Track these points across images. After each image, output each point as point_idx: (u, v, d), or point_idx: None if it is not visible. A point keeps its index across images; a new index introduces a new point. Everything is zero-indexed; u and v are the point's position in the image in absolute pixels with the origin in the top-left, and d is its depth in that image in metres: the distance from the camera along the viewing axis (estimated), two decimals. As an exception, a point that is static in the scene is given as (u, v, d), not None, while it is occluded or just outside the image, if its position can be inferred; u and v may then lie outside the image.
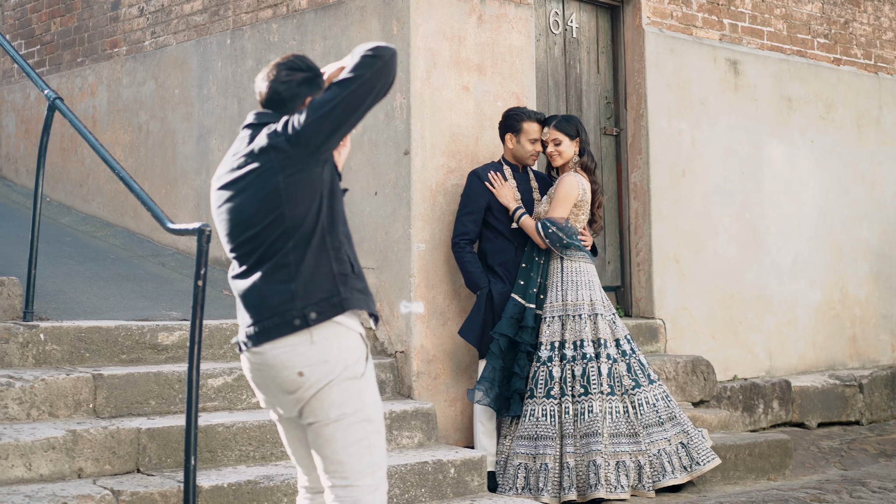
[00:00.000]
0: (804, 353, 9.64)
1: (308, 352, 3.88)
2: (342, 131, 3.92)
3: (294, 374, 3.89)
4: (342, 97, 3.87)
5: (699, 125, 8.96)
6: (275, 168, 3.91)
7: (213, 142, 8.59)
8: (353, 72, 3.89)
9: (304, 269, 3.90)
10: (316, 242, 3.92)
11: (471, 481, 6.29)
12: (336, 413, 3.90)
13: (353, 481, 3.93)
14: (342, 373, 3.89)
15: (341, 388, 3.89)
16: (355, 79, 3.87)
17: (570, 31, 8.53)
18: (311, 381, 3.88)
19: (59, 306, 7.00)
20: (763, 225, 9.36)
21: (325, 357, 3.88)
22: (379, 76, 3.90)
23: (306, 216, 3.91)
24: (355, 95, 3.87)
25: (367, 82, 3.88)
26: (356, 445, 3.92)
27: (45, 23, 10.68)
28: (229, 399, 6.18)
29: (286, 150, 3.89)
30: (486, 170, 7.07)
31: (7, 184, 10.88)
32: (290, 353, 3.88)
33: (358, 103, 3.89)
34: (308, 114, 3.88)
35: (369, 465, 3.95)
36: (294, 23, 7.88)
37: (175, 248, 8.97)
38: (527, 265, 6.95)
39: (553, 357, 6.77)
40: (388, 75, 3.93)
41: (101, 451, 5.35)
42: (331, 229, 3.96)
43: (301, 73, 4.13)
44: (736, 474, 7.38)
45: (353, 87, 3.87)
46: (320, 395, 3.89)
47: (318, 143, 3.89)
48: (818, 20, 10.08)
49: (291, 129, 3.90)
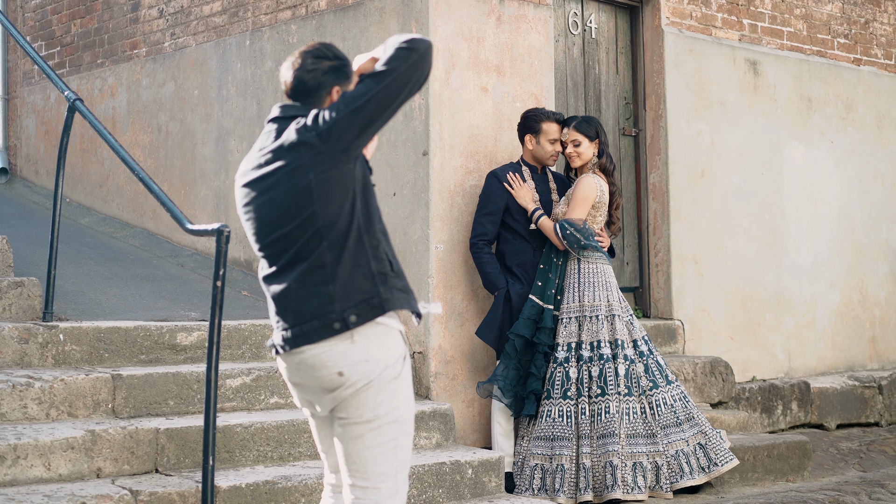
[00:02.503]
0: (823, 354, 9.61)
1: (348, 351, 3.80)
2: (375, 127, 3.80)
3: (334, 373, 3.81)
4: (376, 91, 3.74)
5: (718, 126, 8.94)
6: (305, 165, 3.79)
7: (233, 143, 8.61)
8: (388, 65, 3.76)
9: (341, 269, 3.80)
10: (353, 241, 3.81)
11: (488, 482, 6.29)
12: (370, 414, 3.83)
13: (375, 483, 3.86)
14: (382, 373, 3.82)
15: (379, 388, 3.82)
16: (390, 72, 3.75)
17: (588, 32, 8.52)
18: (351, 380, 3.80)
19: (78, 307, 7.03)
20: (783, 226, 9.34)
21: (365, 357, 3.81)
22: (414, 69, 3.78)
23: (340, 214, 3.80)
24: (389, 89, 3.75)
25: (402, 76, 3.76)
26: (382, 447, 3.86)
27: (66, 24, 10.72)
28: (248, 399, 6.19)
29: (317, 146, 3.78)
30: (504, 171, 7.07)
31: (27, 185, 10.93)
32: (329, 353, 3.80)
33: (392, 98, 3.77)
34: (340, 108, 3.76)
35: (393, 467, 3.88)
36: (313, 24, 7.90)
37: (194, 248, 9.00)
38: (545, 266, 6.94)
39: (570, 358, 6.77)
40: (424, 69, 3.81)
41: (119, 451, 5.37)
42: (367, 227, 3.86)
43: (328, 61, 3.98)
44: (754, 476, 7.37)
45: (388, 81, 3.75)
46: (358, 395, 3.82)
47: (350, 139, 3.77)
48: (838, 20, 10.05)
49: (322, 123, 3.78)
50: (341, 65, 4.00)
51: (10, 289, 6.29)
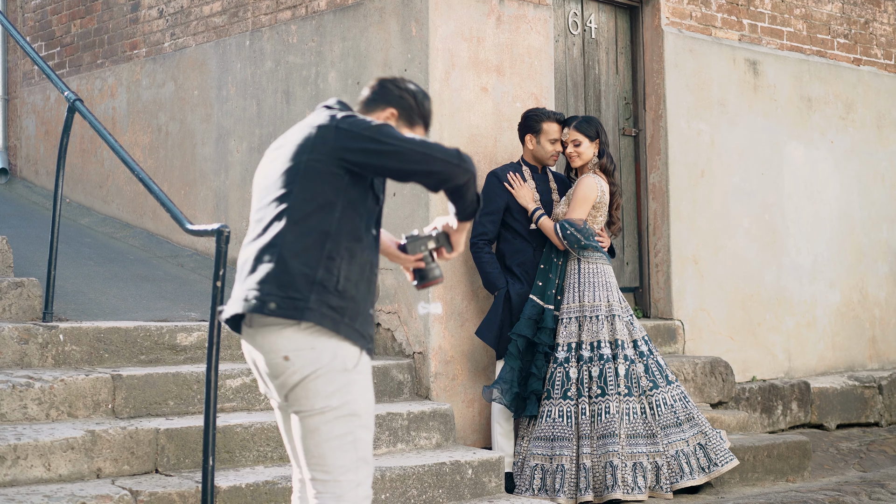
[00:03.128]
0: (823, 354, 9.61)
1: (295, 336, 3.80)
2: (376, 169, 3.83)
3: (280, 357, 3.81)
4: (407, 146, 3.78)
5: (718, 126, 8.94)
6: (307, 147, 3.86)
7: (232, 143, 8.62)
8: (436, 146, 3.81)
9: (287, 256, 3.81)
10: (312, 239, 3.82)
11: (488, 482, 6.29)
12: (321, 404, 3.80)
13: (335, 476, 3.84)
14: (330, 362, 3.80)
15: (328, 378, 3.80)
16: (431, 147, 3.79)
17: (588, 32, 8.52)
18: (296, 366, 3.79)
19: (78, 307, 7.03)
20: (782, 225, 9.34)
21: (312, 343, 3.79)
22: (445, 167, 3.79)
23: (311, 208, 3.83)
24: (416, 156, 3.78)
25: (434, 161, 3.79)
26: (340, 440, 3.83)
27: (65, 24, 10.72)
28: (247, 400, 6.19)
29: (327, 137, 3.83)
30: (505, 170, 7.07)
31: (27, 185, 10.93)
32: (276, 336, 3.81)
33: (410, 164, 3.79)
34: (372, 129, 3.82)
35: (353, 460, 3.85)
36: (313, 24, 7.90)
37: (194, 248, 9.00)
38: (545, 266, 6.94)
39: (570, 358, 6.77)
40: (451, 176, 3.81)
41: (119, 452, 5.37)
42: (335, 237, 3.84)
43: (409, 94, 4.11)
44: (754, 476, 7.37)
45: (421, 150, 3.79)
46: (306, 384, 3.80)
47: (351, 154, 3.81)
48: (838, 20, 10.05)
49: (346, 124, 3.83)
50: (414, 106, 4.13)
51: (10, 289, 6.29)
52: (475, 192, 3.91)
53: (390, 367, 6.80)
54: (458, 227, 4.06)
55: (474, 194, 3.91)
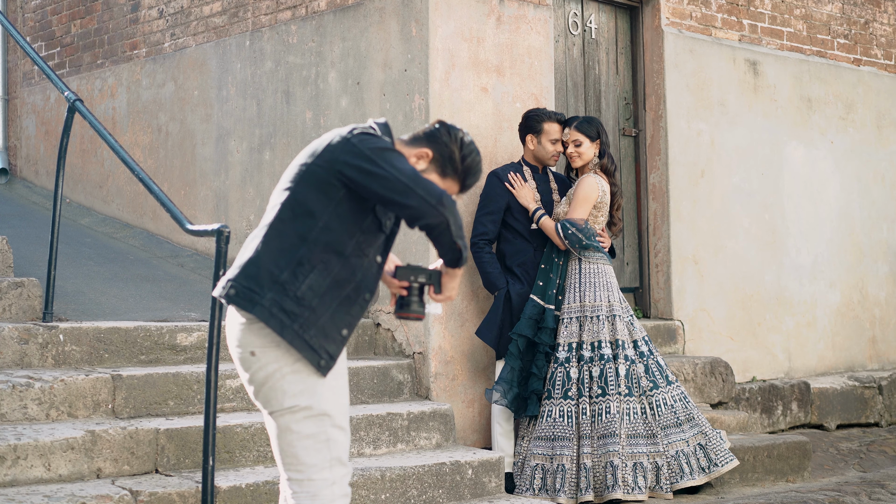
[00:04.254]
0: (823, 354, 9.61)
1: (262, 331, 3.82)
2: (363, 186, 3.81)
3: (248, 352, 3.84)
4: (393, 173, 3.76)
5: (718, 126, 8.94)
6: (318, 152, 3.91)
7: (232, 143, 8.61)
8: (421, 182, 3.77)
9: (262, 253, 3.85)
10: (289, 241, 3.84)
11: (488, 482, 6.29)
12: (289, 403, 3.82)
13: (309, 475, 3.86)
14: (295, 362, 3.82)
15: (295, 378, 3.81)
16: (415, 180, 3.76)
17: (588, 32, 8.52)
18: (262, 362, 3.82)
19: (78, 307, 7.03)
20: (783, 226, 9.34)
21: (277, 341, 3.81)
22: (420, 203, 3.75)
23: (298, 210, 3.86)
24: (396, 184, 3.75)
25: (411, 193, 3.75)
26: (313, 439, 3.84)
27: (66, 25, 10.72)
28: (247, 400, 6.18)
29: (336, 145, 3.87)
30: (506, 170, 7.07)
31: (27, 185, 10.93)
32: (245, 330, 3.84)
33: (389, 190, 3.76)
34: (374, 149, 3.82)
35: (326, 459, 3.86)
36: (313, 24, 7.90)
37: (194, 249, 9.00)
38: (546, 266, 6.94)
39: (570, 358, 6.77)
40: (425, 213, 3.76)
41: (119, 452, 5.37)
42: (311, 244, 3.84)
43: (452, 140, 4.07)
44: (754, 476, 7.37)
45: (404, 180, 3.76)
46: (272, 383, 3.82)
47: (346, 164, 3.82)
48: (838, 20, 10.05)
49: (357, 138, 3.85)
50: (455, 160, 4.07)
51: (10, 289, 6.28)
52: (452, 240, 3.83)
53: (390, 368, 6.80)
54: (447, 273, 3.99)
55: (451, 242, 3.83)
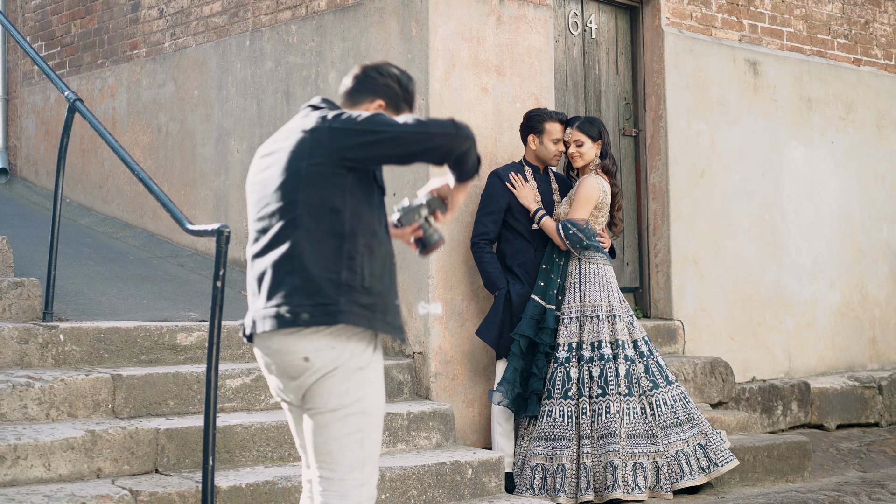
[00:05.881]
0: (823, 354, 9.61)
1: (314, 336, 3.82)
2: (378, 158, 3.83)
3: (299, 358, 3.84)
4: (400, 130, 3.77)
5: (718, 126, 8.94)
6: (304, 152, 3.84)
7: (232, 143, 8.62)
8: (428, 121, 3.80)
9: (309, 265, 3.81)
10: (331, 244, 3.83)
11: (488, 482, 6.29)
12: (334, 403, 3.84)
13: (341, 474, 3.87)
14: (348, 361, 3.84)
15: (344, 376, 3.83)
16: (424, 125, 3.79)
17: (588, 32, 8.52)
18: (316, 366, 3.83)
19: (78, 307, 7.03)
20: (783, 226, 9.34)
21: (331, 343, 3.82)
22: (444, 140, 3.79)
23: (320, 212, 3.83)
24: (411, 138, 3.77)
25: (431, 137, 3.78)
26: (348, 438, 3.86)
27: (66, 25, 10.72)
28: (247, 400, 6.19)
29: (322, 140, 3.82)
30: (507, 170, 7.07)
31: (27, 185, 10.93)
32: (296, 338, 3.82)
33: (408, 146, 3.78)
34: (363, 121, 3.81)
35: (359, 458, 3.88)
36: (313, 24, 7.90)
37: (194, 249, 9.00)
38: (547, 266, 6.94)
39: (571, 358, 6.77)
40: (454, 147, 3.81)
41: (119, 452, 5.37)
42: (351, 237, 3.85)
43: (391, 80, 4.10)
44: (754, 476, 7.37)
45: (416, 130, 3.78)
46: (322, 382, 3.84)
47: (350, 151, 3.80)
48: (838, 20, 10.05)
49: (339, 123, 3.82)
50: (399, 92, 4.11)
51: (10, 289, 6.28)
52: (476, 155, 3.91)
53: (390, 367, 6.80)
54: (459, 188, 4.03)
55: (476, 158, 3.91)
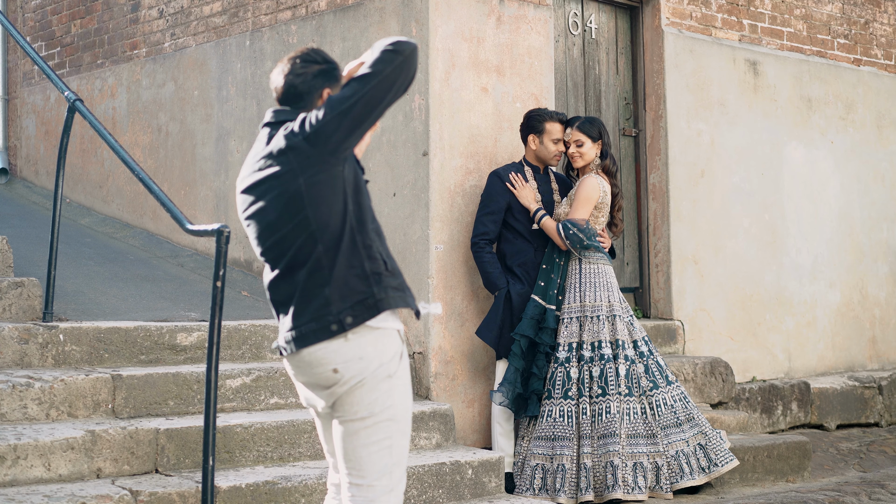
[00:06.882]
0: (823, 354, 9.61)
1: (342, 348, 3.85)
2: (362, 129, 3.84)
3: (329, 370, 3.87)
4: (362, 93, 3.78)
5: (718, 126, 8.94)
6: (295, 170, 3.84)
7: (233, 143, 8.61)
8: (373, 67, 3.80)
9: (336, 272, 3.85)
10: (346, 243, 3.87)
11: (488, 482, 6.29)
12: (364, 411, 3.88)
13: (370, 481, 3.91)
14: (376, 370, 3.87)
15: (373, 385, 3.87)
16: (375, 74, 3.79)
17: (588, 32, 8.52)
18: (345, 377, 3.86)
19: (78, 307, 7.03)
20: (783, 226, 9.34)
21: (360, 354, 3.86)
22: (399, 71, 3.82)
23: (332, 217, 3.85)
24: (375, 91, 3.79)
25: (387, 78, 3.80)
26: (377, 445, 3.90)
27: (66, 25, 10.72)
28: (247, 400, 6.19)
29: (305, 150, 3.82)
30: (507, 170, 7.07)
31: (27, 185, 10.92)
32: (325, 351, 3.86)
33: (378, 99, 3.81)
34: (326, 111, 3.80)
35: (387, 465, 3.92)
36: (313, 24, 7.90)
37: (194, 249, 8.99)
38: (547, 266, 6.94)
39: (571, 358, 6.77)
40: (409, 71, 3.85)
41: (119, 452, 5.37)
42: (360, 227, 3.91)
43: (317, 65, 4.04)
44: (754, 476, 7.37)
45: (373, 83, 3.79)
46: (352, 392, 3.87)
47: (337, 141, 3.81)
48: (838, 21, 10.05)
49: (309, 127, 3.82)
50: (330, 68, 4.07)
51: (10, 289, 6.28)
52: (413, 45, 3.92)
53: (390, 368, 6.79)
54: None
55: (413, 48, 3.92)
